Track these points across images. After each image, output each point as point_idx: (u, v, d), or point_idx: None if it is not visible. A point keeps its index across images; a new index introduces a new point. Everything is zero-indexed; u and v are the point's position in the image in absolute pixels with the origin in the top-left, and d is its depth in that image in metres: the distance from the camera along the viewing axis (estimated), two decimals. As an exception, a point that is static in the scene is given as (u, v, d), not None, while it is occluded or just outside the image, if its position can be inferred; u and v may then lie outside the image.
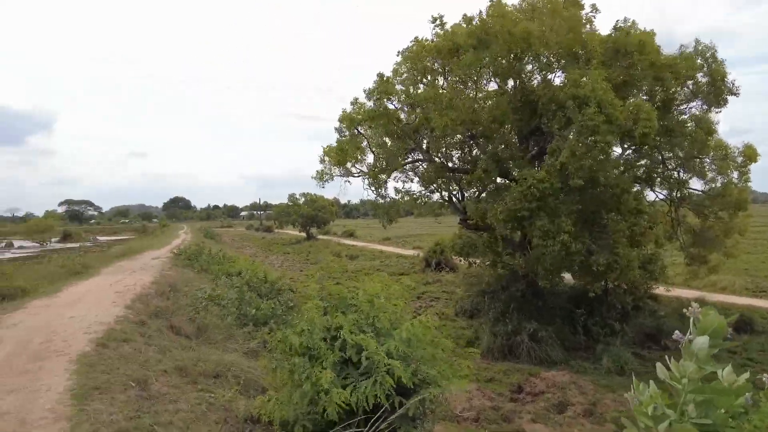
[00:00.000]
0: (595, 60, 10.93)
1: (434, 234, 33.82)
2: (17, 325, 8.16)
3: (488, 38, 11.19)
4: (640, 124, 9.94)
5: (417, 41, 13.12)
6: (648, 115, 9.96)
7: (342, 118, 14.32)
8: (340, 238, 50.56)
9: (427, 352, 5.23)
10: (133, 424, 4.66)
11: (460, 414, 10.15)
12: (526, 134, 12.98)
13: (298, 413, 5.08)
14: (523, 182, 10.90)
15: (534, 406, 10.73)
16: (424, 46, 12.78)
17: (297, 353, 5.17)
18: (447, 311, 17.60)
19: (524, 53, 11.46)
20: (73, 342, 7.05)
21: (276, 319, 10.53)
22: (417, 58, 12.81)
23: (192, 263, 18.47)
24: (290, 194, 54.85)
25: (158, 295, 11.00)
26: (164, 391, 5.83)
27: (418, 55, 12.80)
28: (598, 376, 12.14)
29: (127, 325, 8.17)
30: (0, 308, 9.78)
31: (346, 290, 6.10)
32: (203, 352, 7.60)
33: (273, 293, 13.34)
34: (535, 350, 13.64)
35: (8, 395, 5.11)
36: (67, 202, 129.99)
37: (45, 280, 13.60)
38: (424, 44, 12.87)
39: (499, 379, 12.36)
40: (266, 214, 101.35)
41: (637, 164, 13.39)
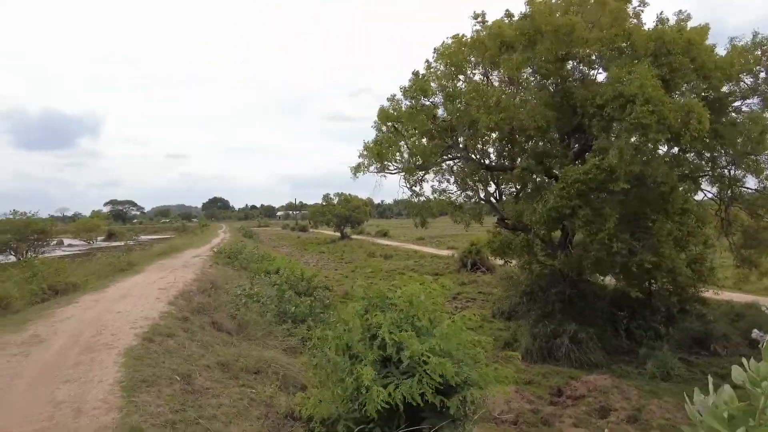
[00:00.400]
0: (645, 56, 10.49)
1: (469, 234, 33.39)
2: (70, 318, 8.52)
3: (537, 35, 10.92)
4: (690, 127, 9.47)
5: (455, 38, 12.97)
6: (700, 116, 9.48)
7: (379, 115, 14.35)
8: (373, 237, 50.73)
9: (468, 352, 5.15)
10: (179, 417, 4.78)
11: (498, 416, 9.99)
12: (567, 132, 12.64)
13: (339, 411, 5.09)
14: (565, 179, 10.59)
15: (575, 410, 10.44)
16: (463, 42, 12.61)
17: (337, 351, 5.19)
18: (484, 312, 17.36)
19: (569, 49, 11.13)
20: (121, 336, 7.30)
21: (314, 316, 10.65)
22: (455, 55, 12.65)
23: (232, 261, 18.89)
24: (325, 194, 55.50)
25: (200, 292, 11.27)
26: (207, 386, 5.96)
27: (455, 52, 12.64)
28: (642, 381, 11.70)
29: (171, 321, 8.40)
30: (54, 302, 10.27)
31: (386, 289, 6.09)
32: (244, 348, 7.74)
33: (310, 291, 13.49)
34: (575, 353, 13.28)
35: (64, 385, 5.33)
36: (111, 203, 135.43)
37: (93, 276, 14.17)
38: (462, 41, 12.71)
39: (538, 381, 12.09)
40: (301, 213, 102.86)
41: (684, 162, 12.82)
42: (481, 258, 25.18)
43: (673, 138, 10.12)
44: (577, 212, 10.99)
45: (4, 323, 8.50)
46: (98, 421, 4.44)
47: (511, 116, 10.88)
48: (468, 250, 26.26)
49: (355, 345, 5.08)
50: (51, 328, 7.82)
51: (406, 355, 4.72)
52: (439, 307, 5.50)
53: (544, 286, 15.27)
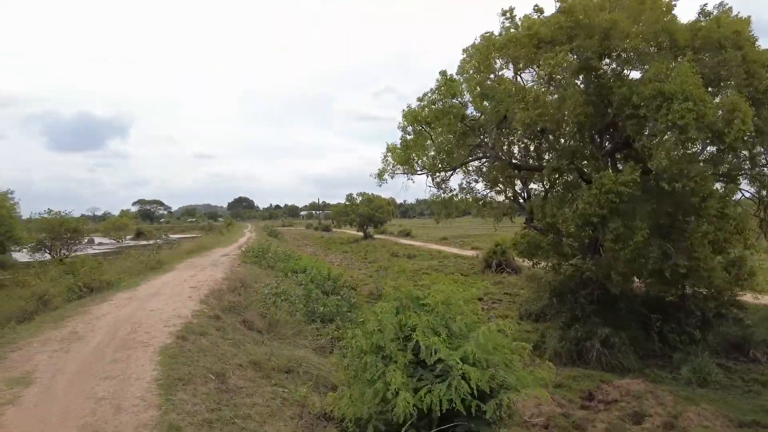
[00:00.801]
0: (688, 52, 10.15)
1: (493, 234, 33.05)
2: (105, 316, 8.71)
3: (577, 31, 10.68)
4: (733, 126, 9.11)
5: (485, 37, 12.81)
6: (744, 115, 9.11)
7: (405, 116, 14.29)
8: (396, 237, 50.69)
9: (504, 357, 5.06)
10: (215, 416, 4.82)
11: (528, 419, 9.82)
12: (599, 130, 12.35)
13: (370, 412, 5.07)
14: (600, 186, 10.32)
15: (607, 415, 10.18)
16: (494, 41, 12.44)
17: (369, 352, 5.15)
18: (510, 314, 17.14)
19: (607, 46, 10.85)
20: (155, 334, 7.42)
21: (341, 316, 10.66)
22: (485, 54, 12.48)
23: (259, 261, 19.09)
24: (348, 194, 55.74)
25: (230, 291, 11.40)
26: (241, 385, 6.01)
27: (486, 51, 12.48)
28: (677, 387, 11.34)
29: (203, 319, 8.51)
30: (90, 299, 10.53)
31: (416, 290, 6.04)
32: (275, 348, 7.79)
33: (336, 290, 13.53)
34: (606, 356, 12.98)
35: (103, 381, 5.44)
36: (139, 202, 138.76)
37: (125, 274, 14.47)
38: (492, 40, 12.54)
39: (568, 385, 11.84)
40: (324, 213, 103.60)
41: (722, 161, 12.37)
42: (507, 259, 24.85)
43: (715, 137, 9.76)
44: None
45: (44, 319, 8.75)
46: (138, 418, 4.50)
47: (548, 112, 10.67)
48: (493, 250, 25.94)
49: (387, 346, 5.04)
50: (88, 325, 8.01)
51: (437, 359, 4.66)
52: (474, 310, 5.43)
53: (573, 287, 14.98)
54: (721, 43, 10.82)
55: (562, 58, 10.57)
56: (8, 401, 4.99)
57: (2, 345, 7.19)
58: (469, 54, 12.91)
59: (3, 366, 6.12)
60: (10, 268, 25.26)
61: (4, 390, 5.28)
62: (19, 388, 5.33)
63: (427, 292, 5.77)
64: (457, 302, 5.20)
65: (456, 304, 5.20)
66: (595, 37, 10.65)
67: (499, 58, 12.82)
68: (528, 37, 11.30)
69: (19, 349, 6.81)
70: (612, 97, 10.83)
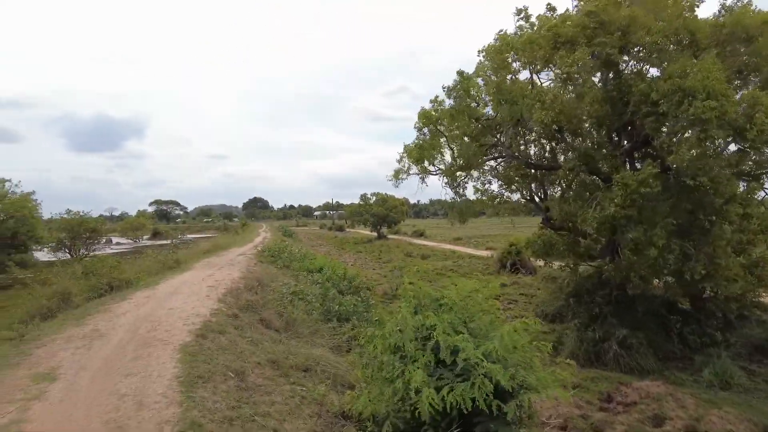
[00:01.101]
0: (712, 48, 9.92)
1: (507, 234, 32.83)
2: (126, 314, 8.84)
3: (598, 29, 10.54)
4: (756, 121, 8.90)
5: (501, 36, 12.70)
6: (767, 109, 8.90)
7: (420, 116, 14.26)
8: (410, 237, 50.61)
9: (525, 356, 5.02)
10: (235, 414, 4.87)
11: (546, 421, 9.74)
12: (616, 129, 12.19)
13: (388, 410, 5.07)
14: (622, 186, 10.17)
15: (627, 417, 10.02)
16: (509, 41, 12.34)
17: (387, 352, 5.15)
18: (527, 315, 16.99)
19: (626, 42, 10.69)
20: (175, 332, 7.51)
21: (358, 315, 10.68)
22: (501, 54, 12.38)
23: (275, 260, 19.22)
24: (362, 194, 55.81)
25: (247, 290, 11.49)
26: (259, 383, 6.05)
27: (501, 51, 12.37)
28: (699, 390, 11.13)
29: (221, 318, 8.59)
30: (110, 298, 10.69)
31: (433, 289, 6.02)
32: (292, 346, 7.83)
33: (352, 290, 13.56)
34: (624, 357, 12.79)
35: (126, 378, 5.53)
36: (156, 202, 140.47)
37: (144, 273, 14.67)
38: (508, 40, 12.43)
39: (586, 386, 11.69)
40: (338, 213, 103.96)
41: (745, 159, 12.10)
42: (522, 259, 24.65)
43: (736, 134, 9.55)
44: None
45: (67, 317, 8.93)
46: (160, 415, 4.56)
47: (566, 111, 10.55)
48: (507, 250, 25.76)
49: (407, 345, 5.03)
50: (109, 323, 8.14)
51: (461, 357, 4.64)
52: (494, 309, 5.41)
53: (590, 288, 14.82)
54: (750, 34, 10.56)
55: (580, 55, 10.43)
56: (35, 396, 5.09)
57: (27, 341, 7.35)
58: (486, 55, 12.82)
59: (29, 362, 6.26)
60: (31, 267, 25.75)
61: (31, 385, 5.40)
62: (45, 384, 5.44)
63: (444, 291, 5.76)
64: (477, 299, 5.17)
65: (476, 300, 5.18)
66: (614, 33, 10.49)
67: (515, 61, 12.71)
68: (546, 38, 11.17)
69: (44, 345, 6.95)
70: (630, 95, 10.67)
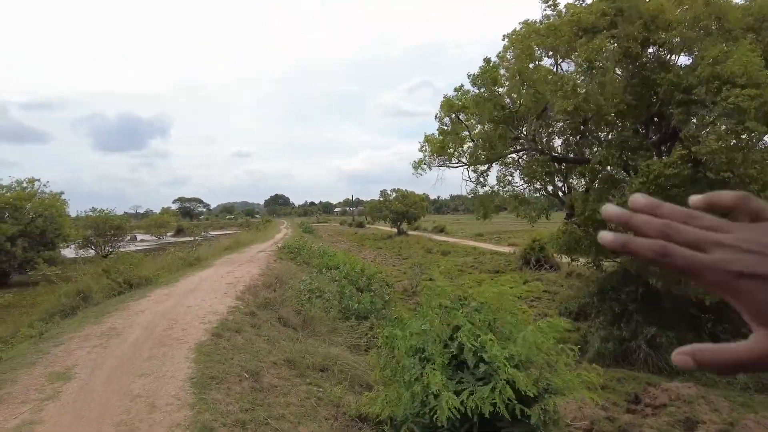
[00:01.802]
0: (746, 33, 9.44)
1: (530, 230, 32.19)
2: (144, 312, 8.82)
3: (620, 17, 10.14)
4: None
5: (526, 24, 12.32)
6: None
7: (443, 106, 13.98)
8: (430, 233, 50.22)
9: (551, 358, 4.77)
10: (249, 416, 4.72)
11: (571, 423, 9.42)
12: (644, 121, 11.71)
13: (406, 413, 4.88)
14: (646, 173, 9.77)
15: (656, 420, 9.63)
16: (535, 29, 11.95)
17: (407, 354, 4.95)
18: (550, 312, 16.61)
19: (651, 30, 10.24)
20: (191, 330, 7.44)
21: (376, 313, 10.50)
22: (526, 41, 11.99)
23: (295, 257, 19.18)
24: (382, 190, 55.57)
25: (266, 287, 11.41)
26: (275, 383, 5.91)
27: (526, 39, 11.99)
28: (733, 392, 10.66)
29: (238, 316, 8.50)
30: (129, 296, 10.73)
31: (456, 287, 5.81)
32: (310, 345, 7.68)
33: (370, 287, 13.38)
34: (652, 357, 12.37)
35: (139, 378, 5.44)
36: (179, 200, 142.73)
37: (164, 270, 14.76)
38: (533, 27, 12.05)
39: (612, 386, 11.30)
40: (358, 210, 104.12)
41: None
42: (545, 255, 24.15)
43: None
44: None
45: (87, 315, 8.95)
46: (171, 417, 4.44)
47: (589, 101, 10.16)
48: (530, 246, 25.25)
49: (430, 347, 4.83)
50: (127, 321, 8.12)
51: (485, 359, 4.41)
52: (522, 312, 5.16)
53: (615, 285, 14.39)
54: None
55: (600, 42, 10.02)
56: (49, 396, 5.04)
57: (46, 339, 7.38)
58: (510, 40, 12.45)
59: (46, 360, 6.24)
60: (60, 264, 26.32)
61: (46, 385, 5.36)
62: (60, 383, 5.39)
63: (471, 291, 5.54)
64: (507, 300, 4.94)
65: (508, 300, 4.95)
66: (637, 22, 10.05)
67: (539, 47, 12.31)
68: (569, 24, 10.76)
69: (62, 344, 6.94)
70: (657, 85, 10.23)
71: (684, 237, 0.44)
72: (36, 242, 26.44)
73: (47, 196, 28.26)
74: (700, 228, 0.45)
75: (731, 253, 0.43)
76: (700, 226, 0.46)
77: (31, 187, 27.99)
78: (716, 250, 0.43)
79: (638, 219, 0.47)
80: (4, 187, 27.10)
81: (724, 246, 0.43)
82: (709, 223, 0.46)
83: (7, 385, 5.38)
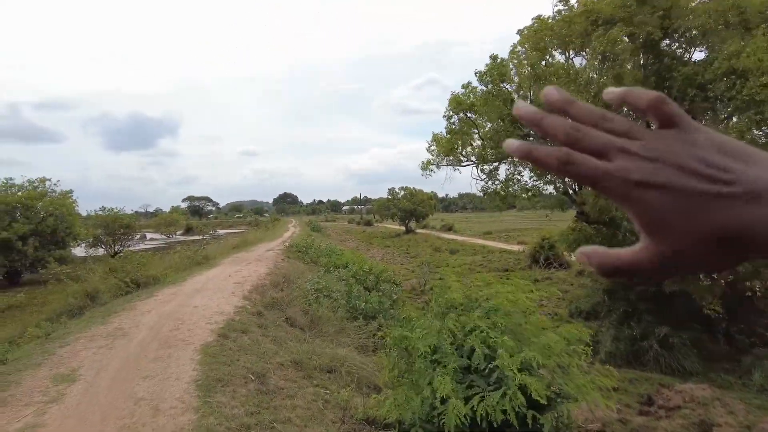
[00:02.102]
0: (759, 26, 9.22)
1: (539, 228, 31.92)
2: (150, 312, 8.77)
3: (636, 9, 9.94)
4: None
5: (539, 20, 12.12)
6: None
7: (451, 103, 13.81)
8: (439, 232, 50.02)
9: (563, 360, 4.63)
10: (254, 420, 4.63)
11: (582, 425, 9.26)
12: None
13: (414, 418, 4.77)
14: None
15: (670, 422, 9.41)
16: (548, 24, 11.74)
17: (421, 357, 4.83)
18: (560, 312, 16.41)
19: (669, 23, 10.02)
20: (197, 331, 7.37)
21: (384, 313, 10.38)
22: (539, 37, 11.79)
23: (302, 256, 19.11)
24: (390, 188, 55.47)
25: (273, 287, 11.34)
26: (281, 385, 5.81)
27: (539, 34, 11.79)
28: (749, 395, 10.40)
29: (245, 316, 8.42)
30: (136, 295, 10.70)
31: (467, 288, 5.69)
32: (317, 346, 7.58)
33: (378, 285, 13.27)
34: (665, 358, 12.13)
35: (144, 380, 5.37)
36: (189, 199, 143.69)
37: (172, 269, 14.73)
38: (546, 22, 11.84)
39: (624, 388, 11.08)
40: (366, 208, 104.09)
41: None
42: (555, 254, 23.89)
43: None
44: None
45: (93, 315, 8.93)
46: (175, 421, 4.36)
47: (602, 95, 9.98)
48: (540, 245, 24.98)
49: (445, 348, 4.72)
50: (133, 321, 8.07)
51: (496, 364, 4.28)
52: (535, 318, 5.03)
53: (626, 283, 14.18)
54: None
55: (615, 34, 9.81)
56: (53, 399, 4.98)
57: (53, 340, 7.35)
58: (523, 36, 12.24)
59: (51, 362, 6.20)
60: (70, 263, 26.49)
61: (50, 387, 5.31)
62: (65, 386, 5.34)
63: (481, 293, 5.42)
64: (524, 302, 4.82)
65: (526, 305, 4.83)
66: (656, 14, 9.84)
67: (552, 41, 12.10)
68: (584, 15, 10.55)
69: (68, 345, 6.90)
70: (673, 79, 10.01)
71: (590, 143, 0.43)
72: (47, 241, 26.64)
73: (57, 195, 28.45)
74: (609, 132, 0.43)
75: (633, 161, 0.42)
76: (610, 129, 0.44)
77: (42, 186, 28.19)
78: (620, 157, 0.42)
79: (548, 121, 0.44)
80: (16, 186, 27.31)
81: (629, 154, 0.42)
82: (619, 127, 0.44)
83: (12, 387, 5.34)
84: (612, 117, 0.45)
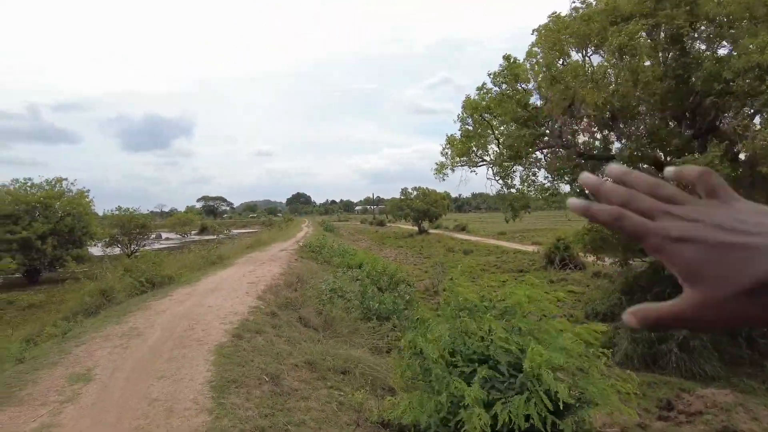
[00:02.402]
0: None
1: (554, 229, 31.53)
2: (165, 312, 8.80)
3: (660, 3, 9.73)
4: None
5: (556, 17, 11.92)
6: None
7: (465, 105, 13.66)
8: (452, 232, 49.76)
9: (583, 363, 4.51)
10: (268, 422, 4.58)
11: (600, 429, 9.08)
12: (677, 116, 11.22)
13: (430, 421, 4.68)
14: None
15: (691, 428, 9.18)
16: (565, 22, 11.53)
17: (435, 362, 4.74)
18: (576, 313, 16.17)
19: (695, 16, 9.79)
20: (211, 331, 7.36)
21: (398, 314, 10.30)
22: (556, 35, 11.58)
23: (316, 256, 19.12)
24: (403, 188, 55.35)
25: (287, 287, 11.32)
26: (295, 387, 5.77)
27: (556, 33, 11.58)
28: (773, 400, 10.15)
29: (259, 316, 8.40)
30: (151, 295, 10.75)
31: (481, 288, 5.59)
32: (331, 346, 7.53)
33: (392, 286, 13.18)
34: (684, 361, 11.86)
35: (158, 381, 5.35)
36: (203, 199, 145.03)
37: (186, 269, 14.80)
38: (563, 20, 11.63)
39: (642, 391, 10.83)
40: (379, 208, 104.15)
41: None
42: (571, 254, 23.57)
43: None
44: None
45: (109, 314, 8.98)
46: (189, 423, 4.33)
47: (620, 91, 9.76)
48: (555, 245, 24.67)
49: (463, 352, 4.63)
50: (148, 321, 8.10)
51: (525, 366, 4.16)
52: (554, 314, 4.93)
53: (643, 285, 13.90)
54: None
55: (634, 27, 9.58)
56: (68, 399, 4.99)
57: (69, 339, 7.40)
58: (540, 34, 12.04)
59: (67, 361, 6.22)
60: (87, 262, 26.85)
61: (66, 387, 5.32)
62: (80, 385, 5.35)
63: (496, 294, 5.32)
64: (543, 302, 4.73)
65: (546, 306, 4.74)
66: (681, 6, 9.61)
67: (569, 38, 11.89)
68: (604, 12, 10.34)
69: (83, 344, 6.93)
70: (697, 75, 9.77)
71: (639, 205, 0.48)
72: (65, 240, 27.07)
73: (74, 195, 28.86)
74: (660, 198, 0.48)
75: (674, 221, 0.46)
76: (659, 195, 0.49)
77: (59, 186, 28.63)
78: (663, 218, 0.47)
79: (606, 187, 0.50)
80: (35, 186, 27.77)
81: (671, 215, 0.47)
82: (668, 194, 0.49)
83: (29, 386, 5.36)
84: (663, 184, 0.50)
